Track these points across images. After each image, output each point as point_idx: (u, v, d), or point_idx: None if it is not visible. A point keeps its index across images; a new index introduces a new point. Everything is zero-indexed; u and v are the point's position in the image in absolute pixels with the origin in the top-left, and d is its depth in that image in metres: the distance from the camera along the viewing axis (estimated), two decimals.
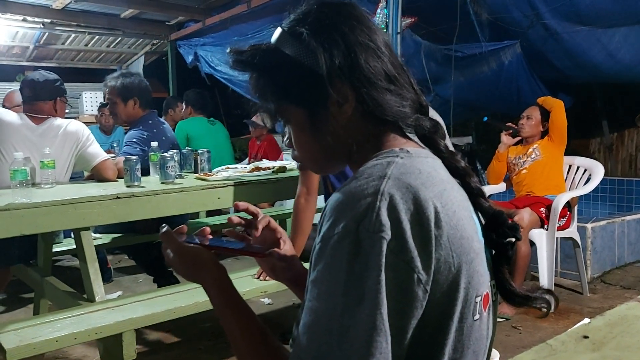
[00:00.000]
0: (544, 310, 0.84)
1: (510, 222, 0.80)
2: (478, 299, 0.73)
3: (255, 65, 0.83)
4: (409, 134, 0.81)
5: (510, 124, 3.79)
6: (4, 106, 3.48)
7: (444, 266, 0.68)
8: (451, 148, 0.84)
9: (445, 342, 0.70)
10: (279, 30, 0.82)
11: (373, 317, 0.63)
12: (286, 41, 0.80)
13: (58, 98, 2.88)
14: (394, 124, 0.79)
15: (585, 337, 1.17)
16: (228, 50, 0.84)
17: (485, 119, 4.21)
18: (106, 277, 3.16)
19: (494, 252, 0.81)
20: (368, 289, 0.63)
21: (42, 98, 2.80)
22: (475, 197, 0.80)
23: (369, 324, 0.63)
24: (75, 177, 2.98)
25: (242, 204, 0.98)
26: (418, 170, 0.72)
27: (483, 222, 0.81)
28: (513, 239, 0.80)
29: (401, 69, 0.81)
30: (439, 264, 0.67)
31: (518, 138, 3.72)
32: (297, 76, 0.79)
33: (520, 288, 0.82)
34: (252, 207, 0.98)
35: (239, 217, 1.00)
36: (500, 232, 0.80)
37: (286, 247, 0.99)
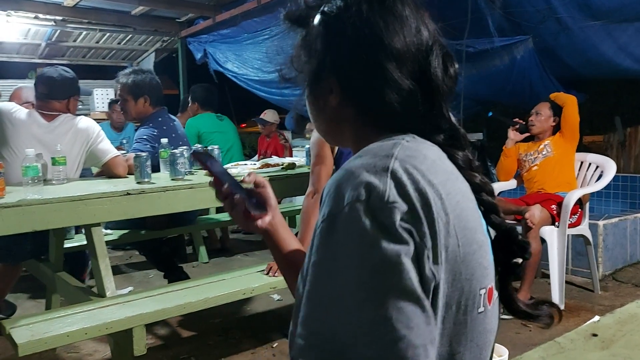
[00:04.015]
0: (546, 324, 0.84)
1: (520, 239, 0.79)
2: (482, 291, 0.72)
3: (292, 22, 0.86)
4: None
5: (517, 119, 3.76)
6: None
7: (452, 255, 0.67)
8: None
9: (442, 332, 0.68)
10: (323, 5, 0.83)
11: (401, 282, 0.60)
12: (317, 18, 0.82)
13: (72, 97, 2.89)
14: (385, 131, 0.76)
15: (595, 335, 1.16)
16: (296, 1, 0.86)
17: (490, 114, 4.16)
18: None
19: (500, 269, 0.80)
20: (388, 256, 0.61)
21: (57, 97, 2.81)
22: (488, 212, 0.79)
23: (399, 290, 0.60)
24: (81, 175, 2.98)
25: (251, 178, 0.98)
26: (423, 156, 0.70)
27: (493, 237, 0.80)
28: (520, 260, 0.80)
29: (412, 80, 0.75)
30: (447, 253, 0.66)
31: (526, 134, 3.69)
32: (305, 51, 0.83)
33: (524, 304, 0.82)
34: (259, 178, 0.99)
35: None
36: (509, 250, 0.79)
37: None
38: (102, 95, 6.71)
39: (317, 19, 0.81)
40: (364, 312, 0.60)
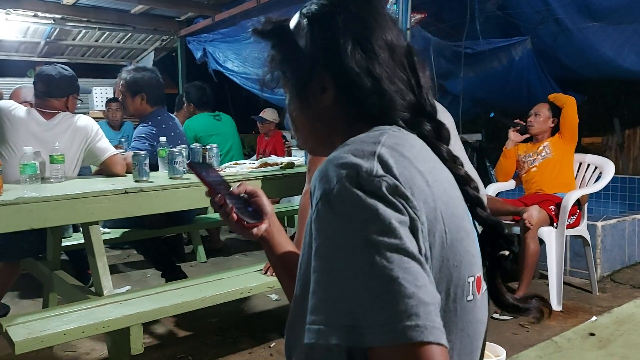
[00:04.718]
0: (535, 319, 0.84)
1: (507, 233, 0.80)
2: (471, 279, 0.72)
3: (265, 35, 0.88)
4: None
5: (517, 120, 3.76)
6: None
7: (439, 240, 0.67)
8: (460, 146, 0.84)
9: None
10: (297, 12, 0.86)
11: (403, 244, 0.61)
12: (294, 22, 0.85)
13: (71, 96, 2.89)
14: (379, 122, 0.78)
15: (592, 334, 1.16)
16: (262, 19, 0.88)
17: (492, 114, 4.18)
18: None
19: (487, 263, 0.80)
20: (388, 220, 0.61)
21: (55, 95, 2.80)
22: (473, 206, 0.80)
23: (402, 250, 0.60)
24: (80, 174, 2.98)
25: (241, 189, 1.00)
26: (410, 145, 0.72)
27: (479, 232, 0.81)
28: (507, 252, 0.80)
29: (404, 70, 0.80)
30: (434, 238, 0.67)
31: (526, 135, 3.69)
32: (290, 54, 0.84)
33: (513, 298, 0.82)
34: (251, 188, 1.01)
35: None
36: (495, 244, 0.80)
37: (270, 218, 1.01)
38: (101, 94, 6.71)
39: (302, 21, 0.83)
40: (372, 276, 0.60)
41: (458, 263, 0.70)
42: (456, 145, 2.98)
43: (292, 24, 0.85)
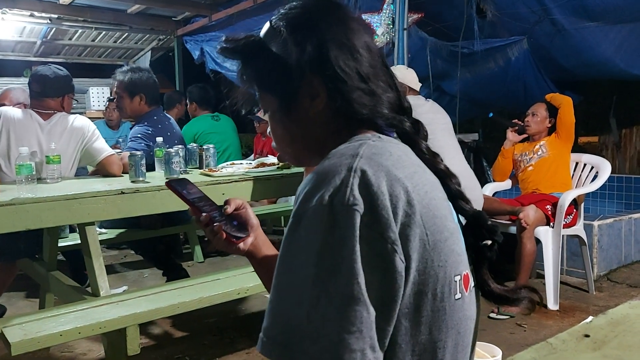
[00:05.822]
0: (527, 310, 0.85)
1: (489, 223, 0.81)
2: (457, 277, 0.74)
3: (237, 52, 0.87)
4: (386, 132, 0.83)
5: (515, 120, 3.78)
6: (1, 104, 3.30)
7: (420, 244, 0.69)
8: (456, 146, 0.85)
9: (420, 320, 0.70)
10: (267, 23, 0.86)
11: (350, 287, 0.64)
12: (268, 33, 0.85)
13: (66, 95, 2.88)
14: (368, 122, 0.81)
15: (587, 335, 1.16)
16: (223, 38, 0.88)
17: (491, 114, 4.19)
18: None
19: (473, 255, 0.82)
20: (343, 259, 0.64)
21: (50, 95, 2.80)
22: (455, 199, 0.81)
23: (346, 294, 0.64)
24: (77, 174, 2.97)
25: (230, 208, 0.98)
26: (389, 153, 0.74)
27: (463, 223, 0.82)
28: (490, 242, 0.81)
29: (382, 70, 0.84)
30: (414, 242, 0.68)
31: (524, 135, 3.70)
32: (272, 66, 0.84)
33: (501, 289, 0.83)
34: (238, 201, 1.00)
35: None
36: (478, 234, 0.81)
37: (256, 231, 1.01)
38: (97, 94, 6.69)
39: (281, 30, 0.83)
40: (314, 310, 0.64)
41: (443, 263, 0.71)
42: (453, 145, 2.99)
43: (265, 35, 0.85)
